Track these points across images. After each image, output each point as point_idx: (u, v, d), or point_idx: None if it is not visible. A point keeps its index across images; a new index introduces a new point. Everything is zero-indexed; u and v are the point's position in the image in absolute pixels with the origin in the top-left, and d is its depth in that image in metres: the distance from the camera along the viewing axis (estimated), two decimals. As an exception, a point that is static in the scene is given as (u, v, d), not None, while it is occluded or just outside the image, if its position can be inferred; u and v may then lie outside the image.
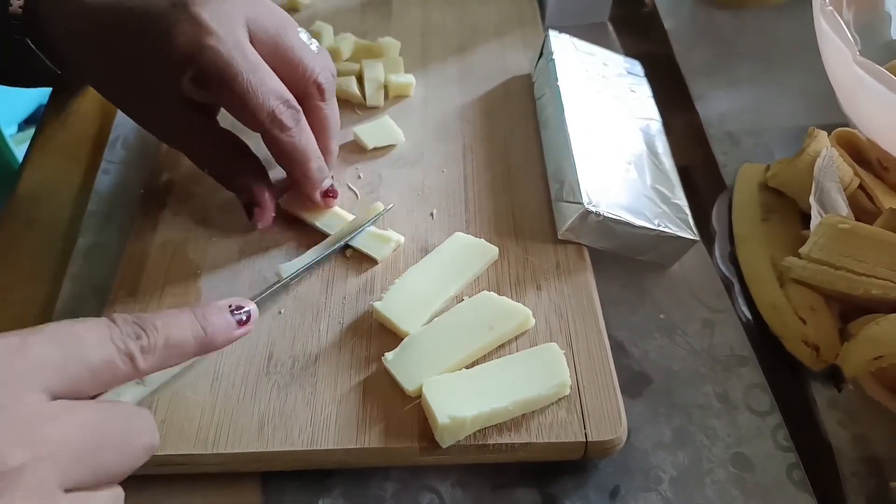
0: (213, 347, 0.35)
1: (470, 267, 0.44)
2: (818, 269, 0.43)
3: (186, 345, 0.33)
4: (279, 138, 0.43)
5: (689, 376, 0.44)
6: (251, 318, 0.36)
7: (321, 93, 0.45)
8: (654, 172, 0.49)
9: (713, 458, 0.40)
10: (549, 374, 0.39)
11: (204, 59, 0.40)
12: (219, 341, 0.35)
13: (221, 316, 0.35)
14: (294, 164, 0.44)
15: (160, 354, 0.31)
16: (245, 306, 0.36)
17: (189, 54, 0.40)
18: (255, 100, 0.41)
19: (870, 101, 0.46)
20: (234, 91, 0.40)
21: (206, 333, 0.34)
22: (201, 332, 0.33)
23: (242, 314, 0.36)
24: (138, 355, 0.30)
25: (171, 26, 0.40)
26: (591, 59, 0.57)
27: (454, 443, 0.37)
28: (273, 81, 0.42)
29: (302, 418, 0.39)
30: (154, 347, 0.31)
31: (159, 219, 0.49)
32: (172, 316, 0.33)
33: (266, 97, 0.41)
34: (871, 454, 0.41)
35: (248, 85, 0.40)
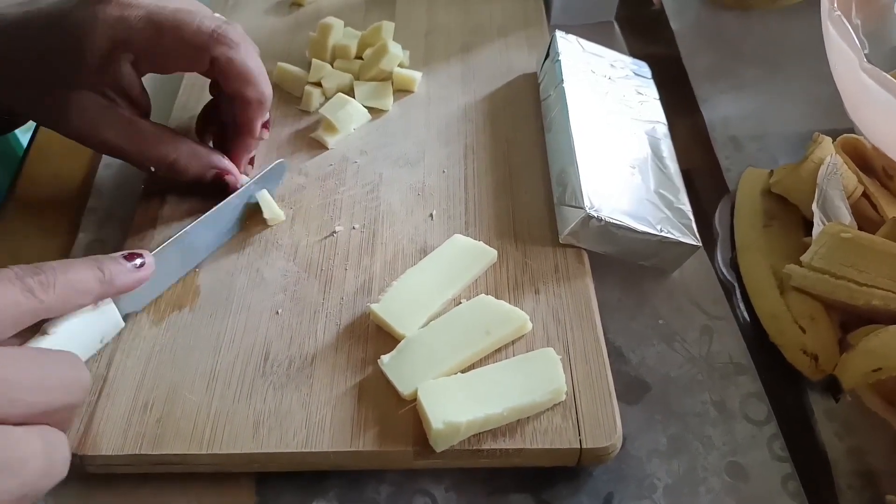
0: (116, 287, 0.37)
1: (468, 270, 0.44)
2: (819, 277, 0.43)
3: (86, 282, 0.35)
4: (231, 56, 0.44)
5: (687, 383, 0.43)
6: (147, 263, 0.39)
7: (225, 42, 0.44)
8: (659, 176, 0.49)
9: (708, 467, 0.40)
10: (545, 380, 0.39)
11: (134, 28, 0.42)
12: (119, 281, 0.37)
13: (117, 262, 0.38)
14: (249, 83, 0.46)
15: (61, 289, 0.34)
16: (140, 256, 0.39)
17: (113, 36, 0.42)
18: (192, 26, 0.43)
19: (876, 108, 0.45)
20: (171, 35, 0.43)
21: (104, 274, 0.36)
22: (99, 272, 0.36)
23: (137, 261, 0.39)
24: (37, 287, 0.32)
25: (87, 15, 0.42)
26: (598, 60, 0.56)
27: (448, 447, 0.37)
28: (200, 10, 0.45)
29: (297, 420, 0.39)
30: (53, 282, 0.33)
31: (159, 216, 0.49)
32: (69, 261, 0.36)
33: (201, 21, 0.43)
34: (867, 467, 0.40)
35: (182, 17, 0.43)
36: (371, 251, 0.46)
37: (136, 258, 0.39)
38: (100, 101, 0.44)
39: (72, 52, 0.43)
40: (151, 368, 0.41)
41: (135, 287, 0.39)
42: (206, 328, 0.43)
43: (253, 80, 0.46)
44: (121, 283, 0.38)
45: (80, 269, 0.36)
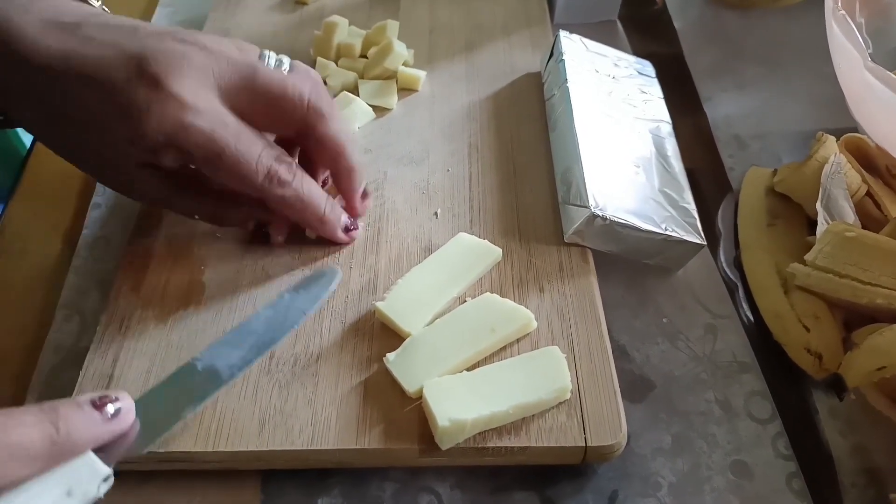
0: (72, 446, 0.28)
1: (473, 268, 0.44)
2: (823, 276, 0.43)
3: (31, 444, 0.26)
4: (281, 195, 0.41)
5: (691, 382, 0.44)
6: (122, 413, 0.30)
7: (319, 115, 0.41)
8: (663, 175, 0.49)
9: (712, 466, 0.40)
10: (550, 378, 0.39)
11: (185, 140, 0.37)
12: (81, 437, 0.28)
13: (80, 407, 0.29)
14: (305, 213, 0.43)
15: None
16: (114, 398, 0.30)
17: (167, 135, 0.37)
18: (248, 167, 0.39)
19: (879, 107, 0.45)
20: (223, 165, 0.38)
21: (58, 429, 0.27)
22: (50, 426, 0.27)
23: (110, 408, 0.30)
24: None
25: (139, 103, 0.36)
26: (602, 59, 0.56)
27: (454, 445, 0.37)
28: (259, 143, 0.39)
29: (302, 418, 0.39)
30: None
31: (164, 213, 0.49)
32: (11, 410, 0.27)
33: (257, 161, 0.39)
34: (871, 465, 0.41)
35: (236, 155, 0.38)
36: (376, 249, 0.46)
37: (108, 404, 0.30)
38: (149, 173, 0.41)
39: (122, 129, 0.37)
40: (156, 366, 0.41)
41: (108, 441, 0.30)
42: (212, 326, 0.43)
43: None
44: (84, 439, 0.28)
45: (23, 428, 0.26)
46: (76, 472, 0.28)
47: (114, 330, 0.43)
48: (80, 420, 0.28)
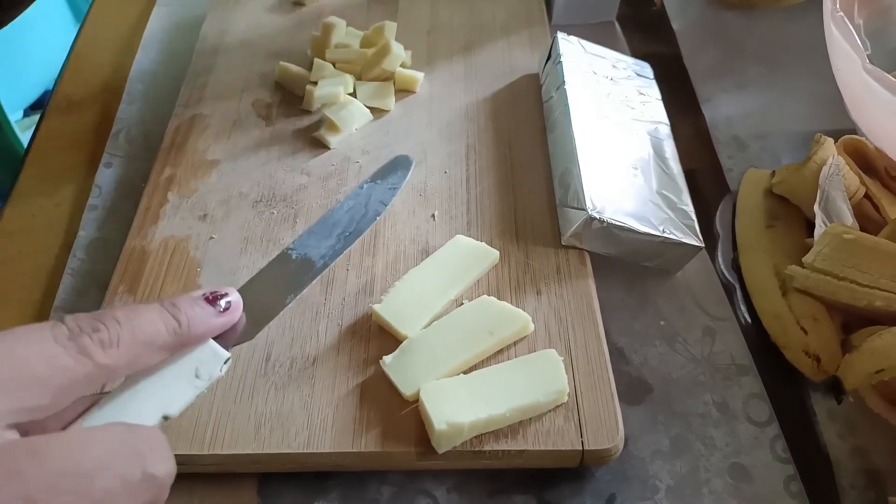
0: (193, 337, 0.30)
1: (470, 270, 0.44)
2: (821, 279, 0.43)
3: (158, 334, 0.28)
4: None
5: (689, 384, 0.43)
6: (232, 306, 0.32)
7: None
8: (661, 177, 0.49)
9: (711, 468, 0.40)
10: (548, 381, 0.39)
11: None
12: (198, 330, 0.30)
13: (195, 302, 0.31)
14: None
15: (128, 348, 0.27)
16: (224, 294, 0.32)
17: None
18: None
19: (878, 109, 0.45)
20: None
21: (180, 322, 0.29)
22: (173, 320, 0.29)
23: (222, 303, 0.32)
24: (96, 349, 0.26)
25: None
26: (600, 61, 0.56)
27: (451, 448, 0.37)
28: None
29: (299, 420, 0.39)
30: (116, 340, 0.27)
31: (160, 214, 0.49)
32: (137, 307, 0.29)
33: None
34: (870, 467, 0.40)
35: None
36: (373, 252, 0.46)
37: (220, 299, 0.32)
38: None
39: None
40: (153, 368, 0.41)
41: (221, 331, 0.32)
42: (208, 328, 0.43)
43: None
44: (202, 330, 0.30)
45: (149, 318, 0.29)
46: (200, 357, 0.31)
47: (110, 332, 0.42)
48: (198, 313, 0.31)
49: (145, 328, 0.28)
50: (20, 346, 0.25)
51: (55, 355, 0.25)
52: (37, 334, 0.26)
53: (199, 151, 0.53)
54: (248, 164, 0.52)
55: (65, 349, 0.26)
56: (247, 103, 0.56)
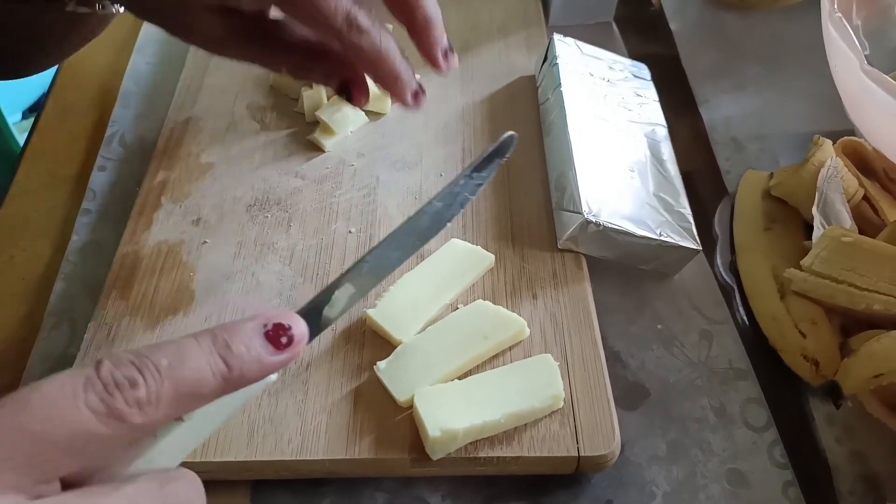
0: (245, 383, 0.26)
1: (465, 274, 0.44)
2: (819, 282, 0.43)
3: (205, 384, 0.25)
4: (359, 43, 0.37)
5: (686, 389, 0.43)
6: (295, 340, 0.27)
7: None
8: (658, 179, 0.48)
9: (708, 474, 0.40)
10: (543, 387, 0.38)
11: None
12: (250, 376, 0.26)
13: (252, 341, 0.26)
14: (381, 66, 0.39)
15: (168, 404, 0.24)
16: (288, 325, 0.27)
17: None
18: (326, 7, 0.36)
19: (877, 110, 0.45)
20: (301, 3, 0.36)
21: (231, 367, 0.25)
22: (223, 366, 0.25)
23: (284, 337, 0.26)
24: (132, 411, 0.23)
25: None
26: (597, 62, 0.56)
27: (445, 455, 0.37)
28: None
29: (292, 427, 0.38)
30: (156, 397, 0.23)
31: (154, 218, 0.48)
32: (184, 349, 0.25)
33: (336, 4, 0.36)
34: (868, 472, 0.40)
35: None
36: (367, 255, 0.46)
37: (283, 335, 0.26)
38: None
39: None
40: (145, 374, 0.41)
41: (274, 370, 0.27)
42: (201, 333, 0.42)
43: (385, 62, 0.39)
44: (251, 378, 0.26)
45: (196, 364, 0.24)
46: None
47: (101, 337, 0.42)
48: (254, 355, 0.26)
49: (190, 378, 0.24)
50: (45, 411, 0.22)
51: (83, 422, 0.22)
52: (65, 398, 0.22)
53: (193, 155, 0.52)
54: (242, 167, 0.52)
55: (95, 415, 0.22)
56: (241, 106, 0.56)
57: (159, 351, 0.24)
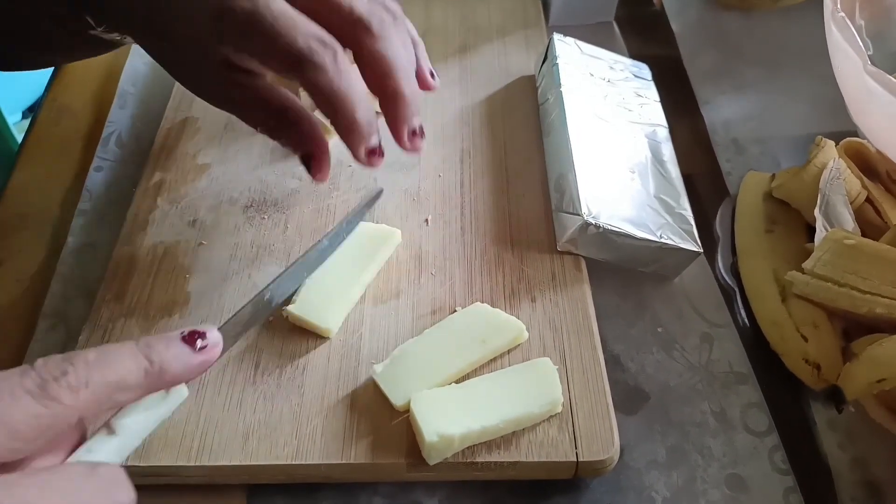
0: (169, 379, 0.30)
1: (377, 253, 0.44)
2: (821, 285, 0.42)
3: (129, 375, 0.29)
4: (314, 81, 0.37)
5: (686, 393, 0.43)
6: (210, 345, 0.32)
7: (366, 30, 0.37)
8: (659, 181, 0.48)
9: (708, 479, 0.39)
10: (542, 391, 0.38)
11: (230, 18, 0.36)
12: (173, 370, 0.30)
13: (171, 344, 0.31)
14: (334, 110, 0.37)
15: (97, 389, 0.27)
16: (202, 333, 0.32)
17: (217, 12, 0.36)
18: (285, 41, 0.36)
19: (880, 111, 0.44)
20: (262, 39, 0.36)
21: (153, 361, 0.29)
22: (145, 362, 0.29)
23: (199, 340, 0.31)
24: (63, 392, 0.27)
25: None
26: (597, 62, 0.55)
27: (442, 460, 0.36)
28: (304, 23, 0.36)
29: (287, 431, 0.38)
30: (84, 382, 0.27)
31: (150, 220, 0.48)
32: (110, 348, 0.29)
33: (295, 37, 0.35)
34: (870, 478, 0.40)
35: (276, 29, 0.35)
36: (365, 257, 0.46)
37: (198, 338, 0.31)
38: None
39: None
40: (140, 377, 0.40)
41: (197, 375, 0.32)
42: (197, 336, 0.42)
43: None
44: (176, 372, 0.30)
45: (120, 361, 0.29)
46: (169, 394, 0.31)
47: (96, 339, 0.42)
48: (173, 353, 0.30)
49: (115, 369, 0.28)
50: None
51: (23, 403, 0.26)
52: (5, 383, 0.26)
53: (190, 155, 0.52)
54: (239, 168, 0.51)
55: (32, 396, 0.26)
56: (239, 106, 0.56)
57: (88, 351, 0.28)
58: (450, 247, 0.46)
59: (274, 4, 0.36)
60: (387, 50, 0.38)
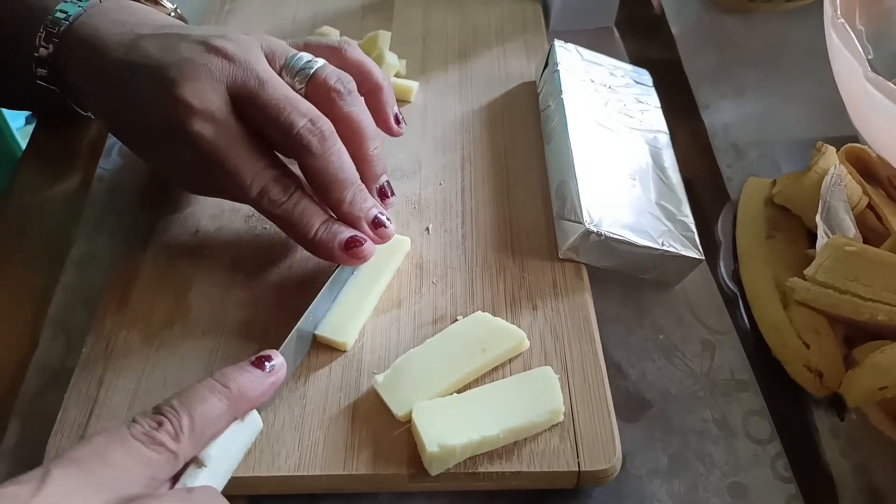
0: (248, 402, 0.34)
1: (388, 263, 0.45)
2: (823, 291, 0.42)
3: (216, 409, 0.32)
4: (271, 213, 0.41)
5: (688, 400, 0.43)
6: (277, 367, 0.35)
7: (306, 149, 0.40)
8: (660, 187, 0.48)
9: (710, 487, 0.39)
10: (543, 400, 0.38)
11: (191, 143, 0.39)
12: (251, 395, 0.33)
13: (244, 371, 0.34)
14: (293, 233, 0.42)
15: (191, 429, 0.31)
16: (270, 357, 0.35)
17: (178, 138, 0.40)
18: (243, 182, 0.40)
19: (880, 117, 0.44)
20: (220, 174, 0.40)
21: (232, 391, 0.33)
22: (226, 390, 0.32)
23: (267, 365, 0.35)
24: (167, 440, 0.30)
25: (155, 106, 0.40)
26: (598, 68, 0.55)
27: (444, 470, 0.36)
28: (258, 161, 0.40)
29: (289, 442, 0.38)
30: (179, 427, 0.30)
31: (152, 229, 0.48)
32: (189, 388, 0.32)
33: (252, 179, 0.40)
34: (873, 485, 0.40)
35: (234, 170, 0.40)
36: (366, 266, 0.46)
37: (265, 362, 0.35)
38: None
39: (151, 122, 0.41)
40: (143, 388, 0.40)
41: (268, 397, 0.35)
42: (199, 346, 0.42)
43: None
44: (254, 396, 0.34)
45: (205, 399, 0.32)
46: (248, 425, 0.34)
47: (99, 350, 0.42)
48: (247, 379, 0.34)
49: (202, 407, 0.31)
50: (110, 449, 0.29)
51: (134, 453, 0.29)
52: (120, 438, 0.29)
53: (191, 164, 0.52)
54: (241, 176, 0.51)
55: (144, 445, 0.29)
56: (240, 114, 0.56)
57: (169, 399, 0.31)
58: (451, 255, 0.46)
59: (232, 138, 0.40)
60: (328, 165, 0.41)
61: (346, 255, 0.42)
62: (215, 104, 0.39)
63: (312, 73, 0.42)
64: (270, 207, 0.41)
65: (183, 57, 0.40)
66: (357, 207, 0.42)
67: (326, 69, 0.42)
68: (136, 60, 0.41)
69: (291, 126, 0.39)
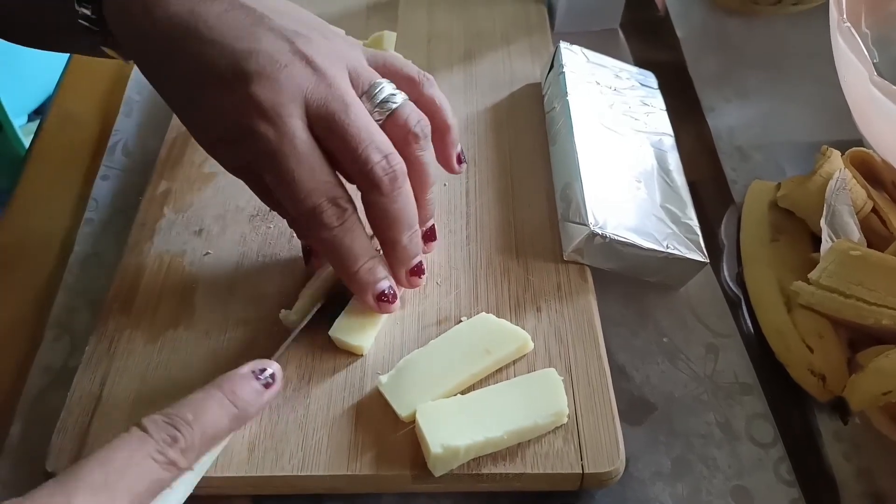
0: (248, 419, 0.34)
1: None
2: (827, 296, 0.42)
3: (221, 427, 0.33)
4: (318, 236, 0.39)
5: (691, 403, 0.43)
6: (276, 378, 0.36)
7: (374, 185, 0.38)
8: (665, 190, 0.48)
9: (713, 491, 0.39)
10: (547, 402, 0.38)
11: (250, 143, 0.37)
12: (252, 412, 0.34)
13: (248, 385, 0.34)
14: (336, 261, 0.40)
15: (199, 448, 0.31)
16: (267, 368, 0.35)
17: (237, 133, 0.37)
18: (297, 195, 0.37)
19: (885, 121, 0.44)
20: (275, 181, 0.37)
21: (239, 409, 0.33)
22: (233, 408, 0.33)
23: (267, 377, 0.35)
24: (180, 458, 0.30)
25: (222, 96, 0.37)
26: (603, 70, 0.55)
27: (447, 472, 0.36)
28: (320, 176, 0.37)
29: (293, 442, 0.38)
30: (192, 443, 0.31)
31: (156, 229, 0.48)
32: (201, 402, 0.32)
33: (307, 194, 0.37)
34: (876, 489, 0.40)
35: (290, 180, 0.37)
36: (370, 267, 0.46)
37: (263, 372, 0.35)
38: None
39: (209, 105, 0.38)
40: (146, 388, 0.40)
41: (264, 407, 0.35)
42: (202, 346, 0.42)
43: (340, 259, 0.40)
44: (255, 410, 0.34)
45: (214, 410, 0.33)
46: None
47: (102, 350, 0.42)
48: (251, 394, 0.34)
49: (212, 423, 0.32)
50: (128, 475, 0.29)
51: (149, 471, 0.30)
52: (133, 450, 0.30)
53: (196, 164, 0.52)
54: (245, 176, 0.51)
55: (158, 465, 0.30)
56: (244, 114, 0.56)
57: (183, 407, 0.32)
58: (455, 256, 0.46)
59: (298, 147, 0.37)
60: (393, 205, 0.39)
61: (375, 302, 0.41)
62: (287, 110, 0.36)
63: (395, 109, 0.39)
64: (318, 229, 0.38)
65: (263, 49, 0.37)
66: (408, 253, 0.41)
67: (407, 109, 0.40)
68: (202, 29, 0.37)
69: (367, 161, 0.37)
